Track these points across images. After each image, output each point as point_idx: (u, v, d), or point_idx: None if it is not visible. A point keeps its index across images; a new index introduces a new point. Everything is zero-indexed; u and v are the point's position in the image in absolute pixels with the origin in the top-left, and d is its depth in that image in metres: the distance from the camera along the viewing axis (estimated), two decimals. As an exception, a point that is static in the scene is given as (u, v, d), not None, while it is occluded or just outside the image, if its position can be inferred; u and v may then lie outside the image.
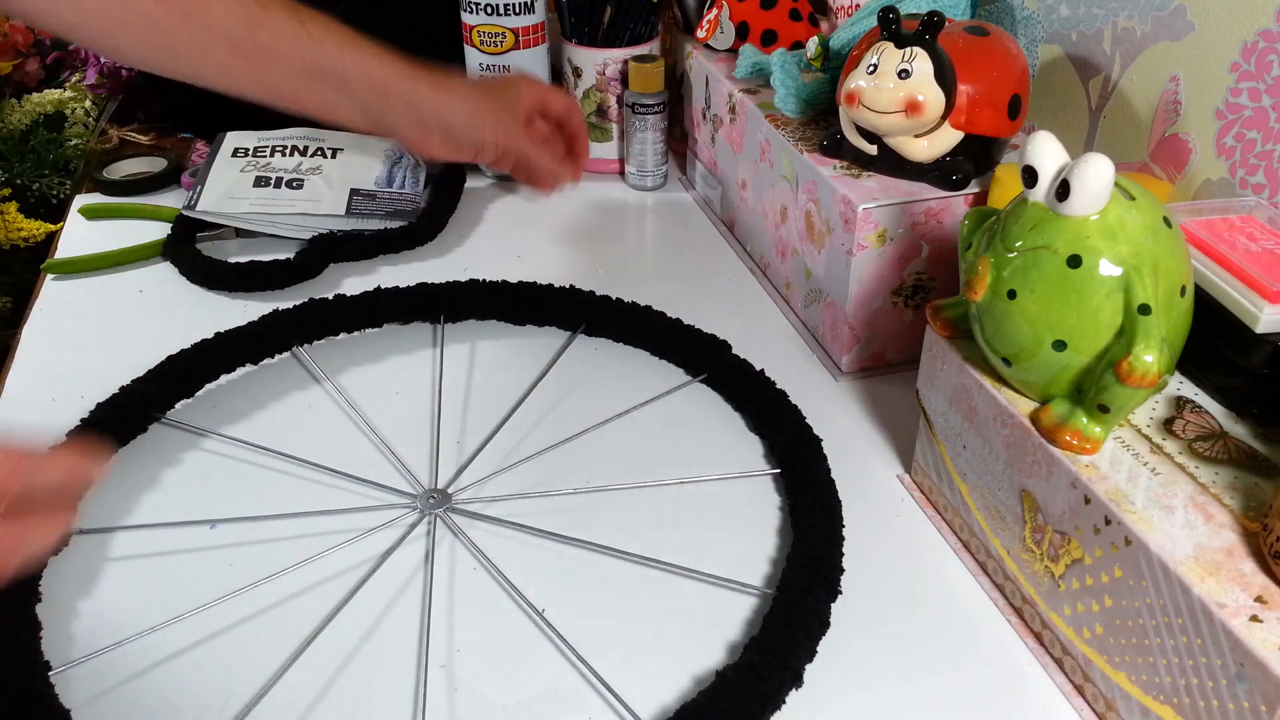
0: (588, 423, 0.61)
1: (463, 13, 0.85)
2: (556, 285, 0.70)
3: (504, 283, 0.70)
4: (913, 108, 0.57)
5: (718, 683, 0.43)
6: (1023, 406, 0.46)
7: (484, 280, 0.70)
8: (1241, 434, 0.44)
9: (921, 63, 0.56)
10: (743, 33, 0.80)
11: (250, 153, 0.83)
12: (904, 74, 0.57)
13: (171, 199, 0.86)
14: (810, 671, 0.45)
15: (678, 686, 0.45)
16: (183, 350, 0.63)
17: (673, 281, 0.76)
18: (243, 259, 0.76)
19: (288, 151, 0.83)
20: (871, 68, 0.58)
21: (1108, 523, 0.41)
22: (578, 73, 0.89)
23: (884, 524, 0.54)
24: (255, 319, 0.66)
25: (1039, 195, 0.43)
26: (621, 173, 0.92)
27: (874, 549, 0.53)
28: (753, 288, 0.76)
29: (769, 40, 0.80)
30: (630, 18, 0.86)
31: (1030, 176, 0.43)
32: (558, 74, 0.91)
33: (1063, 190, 0.41)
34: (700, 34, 0.83)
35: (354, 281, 0.76)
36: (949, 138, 0.59)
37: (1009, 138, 0.61)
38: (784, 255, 0.72)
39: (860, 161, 0.63)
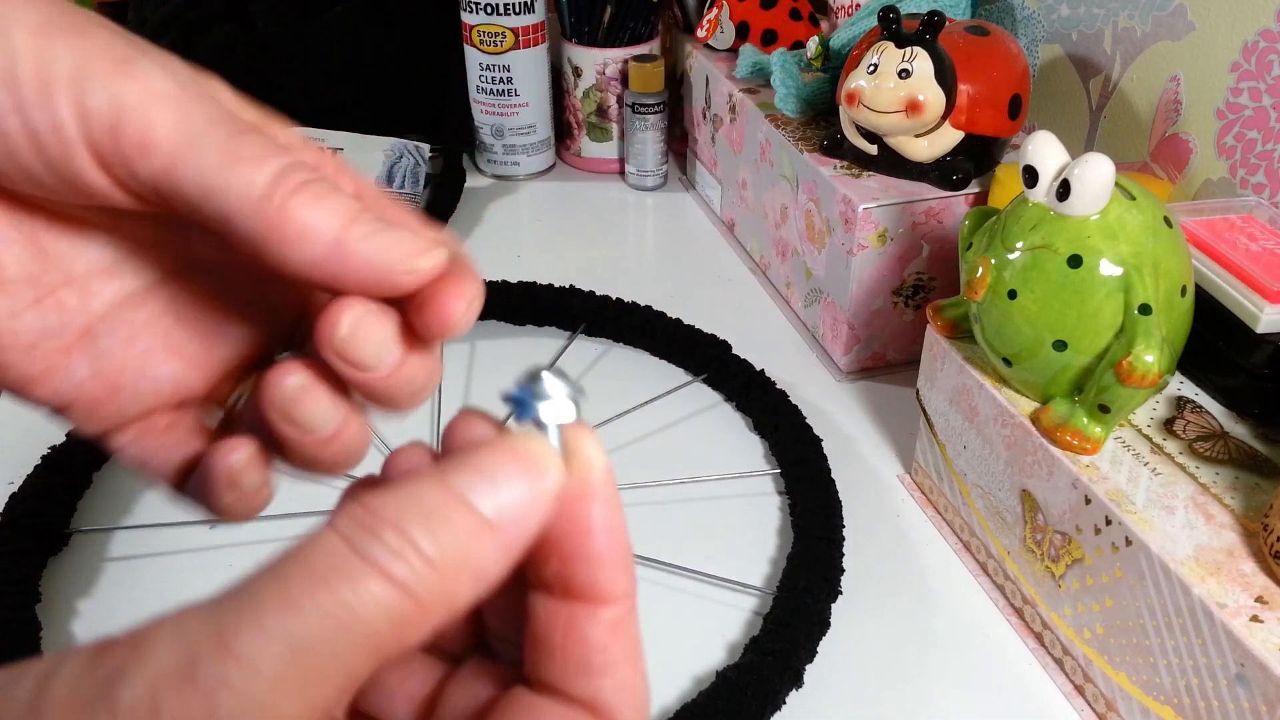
0: (587, 423, 0.61)
1: (463, 13, 0.85)
2: (556, 285, 0.70)
3: (504, 283, 0.70)
4: (913, 107, 0.57)
5: (718, 683, 0.43)
6: (1023, 406, 0.46)
7: (484, 280, 0.70)
8: (1242, 434, 0.44)
9: (922, 62, 0.56)
10: (743, 32, 0.80)
11: (250, 152, 0.83)
12: (904, 74, 0.56)
13: (171, 199, 0.86)
14: (810, 671, 0.45)
15: (678, 686, 0.45)
16: (182, 350, 0.62)
17: (673, 281, 0.76)
18: (243, 259, 0.75)
19: (288, 151, 0.83)
20: (872, 67, 0.58)
21: (1108, 523, 0.41)
22: (578, 72, 0.89)
23: (884, 524, 0.54)
24: (255, 319, 0.66)
25: (1039, 195, 0.43)
26: (621, 173, 0.92)
27: (874, 549, 0.52)
28: (753, 288, 0.76)
29: (769, 40, 0.80)
30: (630, 17, 0.86)
31: (1030, 176, 0.43)
32: (558, 74, 0.91)
33: (1063, 190, 0.41)
34: (700, 34, 0.83)
35: (354, 281, 0.75)
36: (949, 137, 0.59)
37: (1009, 137, 0.61)
38: (784, 255, 0.72)
39: (860, 161, 0.63)
